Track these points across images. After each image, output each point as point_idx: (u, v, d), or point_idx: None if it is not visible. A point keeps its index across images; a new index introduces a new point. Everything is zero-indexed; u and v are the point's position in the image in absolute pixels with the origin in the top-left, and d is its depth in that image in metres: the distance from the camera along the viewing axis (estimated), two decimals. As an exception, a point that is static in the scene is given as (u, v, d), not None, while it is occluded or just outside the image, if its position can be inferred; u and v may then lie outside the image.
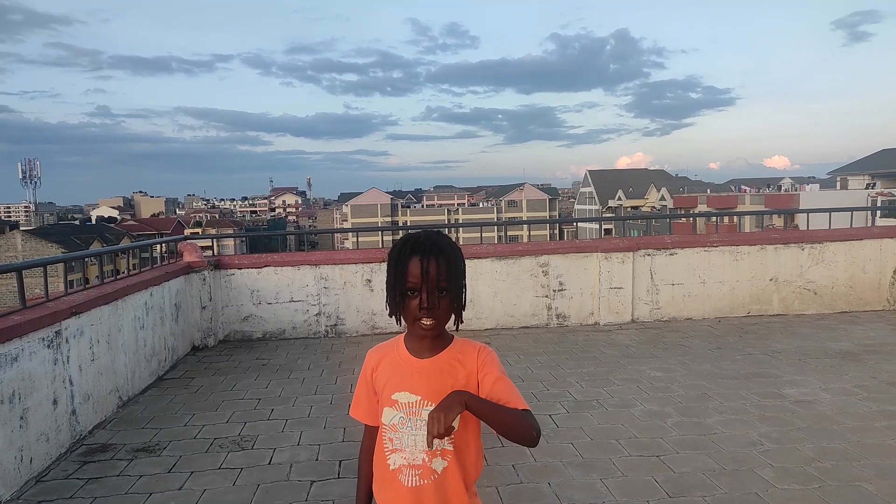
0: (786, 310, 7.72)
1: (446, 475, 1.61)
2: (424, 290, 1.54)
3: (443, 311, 1.58)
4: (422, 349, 1.65)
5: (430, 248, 1.56)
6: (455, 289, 1.58)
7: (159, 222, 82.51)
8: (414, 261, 1.55)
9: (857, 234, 7.87)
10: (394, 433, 1.63)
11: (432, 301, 1.55)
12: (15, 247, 49.33)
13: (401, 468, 1.62)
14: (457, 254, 1.60)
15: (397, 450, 1.63)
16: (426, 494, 1.61)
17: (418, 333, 1.61)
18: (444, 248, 1.57)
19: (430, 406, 1.59)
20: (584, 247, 7.61)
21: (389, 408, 1.64)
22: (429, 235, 1.60)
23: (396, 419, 1.62)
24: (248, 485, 3.64)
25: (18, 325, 3.76)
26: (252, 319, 7.26)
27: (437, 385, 1.59)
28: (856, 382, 5.06)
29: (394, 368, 1.66)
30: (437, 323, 1.58)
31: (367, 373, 1.72)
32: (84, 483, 3.72)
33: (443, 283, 1.55)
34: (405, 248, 1.58)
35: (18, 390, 3.71)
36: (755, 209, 41.76)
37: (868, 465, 3.61)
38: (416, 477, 1.61)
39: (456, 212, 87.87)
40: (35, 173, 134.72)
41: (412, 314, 1.57)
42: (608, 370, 5.63)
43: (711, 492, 3.37)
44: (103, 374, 4.78)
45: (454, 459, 1.62)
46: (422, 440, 1.59)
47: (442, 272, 1.55)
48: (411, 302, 1.56)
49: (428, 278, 1.53)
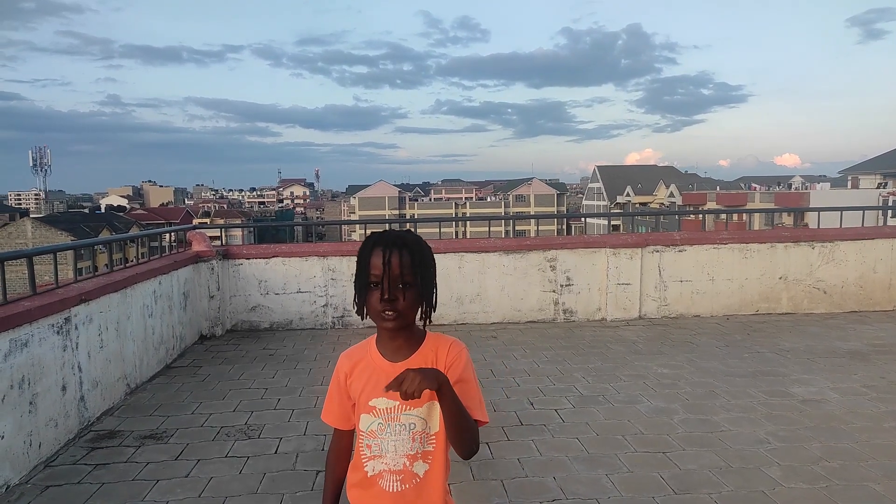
0: (795, 308, 7.67)
1: (428, 478, 1.60)
2: (386, 282, 1.51)
3: (406, 305, 1.53)
4: (394, 351, 1.61)
5: (392, 241, 1.54)
6: (421, 284, 1.55)
7: (168, 212, 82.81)
8: (376, 253, 1.53)
9: (869, 233, 7.81)
10: (372, 440, 1.61)
11: (394, 293, 1.51)
12: (25, 234, 49.64)
13: (381, 473, 1.60)
14: (423, 249, 1.57)
15: (376, 456, 1.61)
16: (408, 499, 1.59)
17: (383, 327, 1.58)
18: (409, 243, 1.56)
19: (409, 410, 1.58)
20: (593, 242, 7.58)
21: (367, 414, 1.61)
22: (394, 231, 1.59)
23: (374, 425, 1.60)
24: (255, 473, 3.65)
25: (28, 311, 3.78)
26: (259, 310, 7.28)
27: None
28: (864, 382, 5.03)
29: (369, 374, 1.62)
30: (399, 316, 1.53)
31: (340, 378, 1.67)
32: (92, 469, 3.75)
33: (407, 277, 1.52)
34: (369, 242, 1.57)
35: (28, 376, 3.74)
36: (765, 207, 41.51)
37: (876, 465, 3.59)
38: (398, 482, 1.59)
39: (463, 206, 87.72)
40: (45, 161, 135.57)
41: (374, 307, 1.54)
42: (615, 366, 5.62)
43: (718, 489, 3.35)
44: (112, 362, 4.81)
45: (435, 461, 1.60)
46: (402, 444, 1.58)
47: (405, 265, 1.52)
48: (373, 294, 1.53)
49: (390, 269, 1.51)
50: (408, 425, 1.58)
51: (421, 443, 1.59)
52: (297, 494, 3.40)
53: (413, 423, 1.58)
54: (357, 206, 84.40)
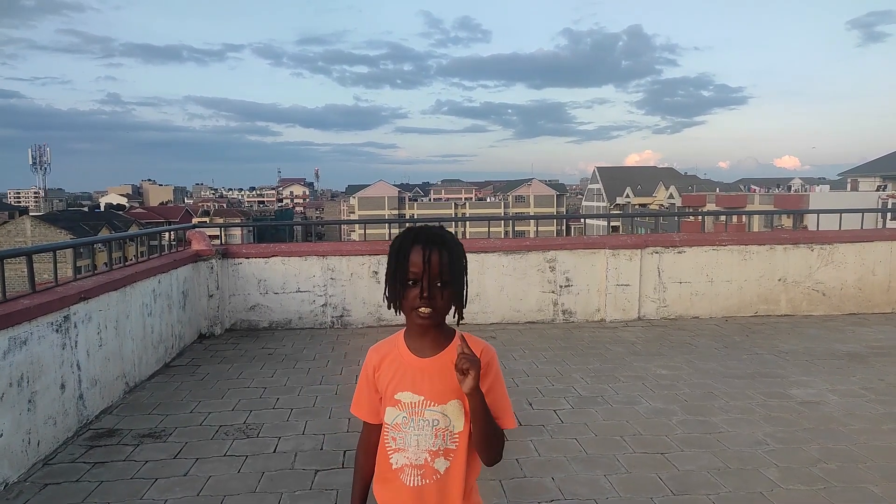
0: (794, 310, 7.68)
1: (449, 475, 1.60)
2: (425, 280, 1.52)
3: (443, 303, 1.56)
4: (423, 347, 1.63)
5: (433, 240, 1.55)
6: (456, 283, 1.57)
7: (167, 210, 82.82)
8: (416, 251, 1.54)
9: (868, 235, 7.82)
10: (396, 433, 1.63)
11: (433, 291, 1.53)
12: (24, 232, 49.62)
13: (403, 468, 1.62)
14: (459, 249, 1.59)
15: (400, 449, 1.62)
16: (428, 494, 1.60)
17: (416, 323, 1.59)
18: (448, 242, 1.57)
19: (433, 406, 1.59)
20: (592, 243, 7.58)
21: (392, 407, 1.63)
22: (433, 228, 1.60)
23: (399, 419, 1.62)
24: (253, 472, 3.65)
25: (27, 308, 3.78)
26: (259, 309, 7.29)
27: (440, 385, 1.59)
28: (863, 384, 5.03)
29: (396, 368, 1.64)
30: (435, 313, 1.56)
31: (369, 372, 1.70)
32: (90, 467, 3.75)
33: (445, 276, 1.54)
34: (407, 239, 1.57)
35: (27, 374, 3.74)
36: (765, 209, 41.52)
37: (874, 467, 3.60)
38: (419, 477, 1.60)
39: (463, 206, 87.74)
40: (45, 159, 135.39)
41: (411, 304, 1.55)
42: (614, 367, 5.62)
43: (716, 490, 3.36)
44: (111, 360, 4.81)
45: (457, 459, 1.61)
46: (424, 440, 1.59)
47: (444, 264, 1.54)
48: (411, 291, 1.55)
49: (430, 268, 1.52)
50: (431, 421, 1.59)
51: (443, 440, 1.60)
52: (296, 493, 3.40)
53: (436, 419, 1.59)
54: (356, 206, 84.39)
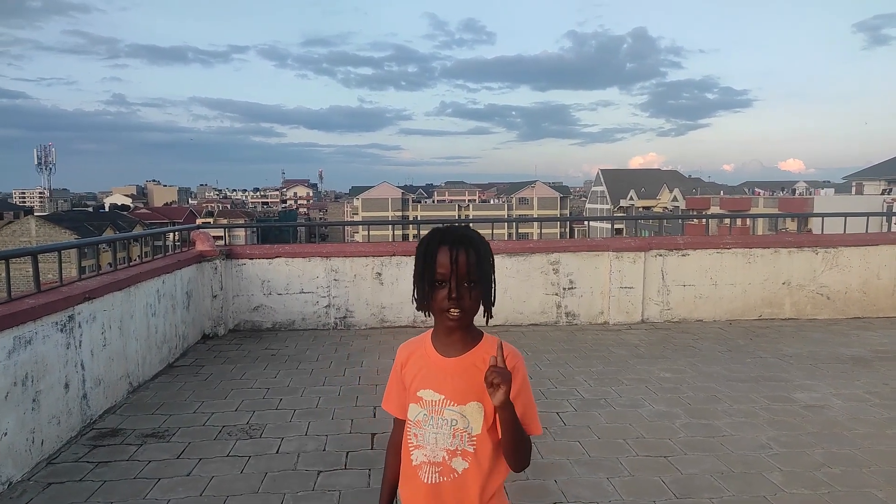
0: (798, 314, 7.65)
1: (466, 476, 1.60)
2: (453, 280, 1.53)
3: (471, 304, 1.56)
4: (449, 347, 1.64)
5: (460, 240, 1.55)
6: (484, 282, 1.58)
7: (171, 211, 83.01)
8: (443, 251, 1.54)
9: (873, 239, 7.79)
10: (417, 429, 1.64)
11: (461, 291, 1.54)
12: (29, 232, 49.79)
13: (421, 465, 1.62)
14: (486, 248, 1.59)
15: (420, 446, 1.63)
16: (444, 492, 1.60)
17: (446, 325, 1.60)
18: (475, 241, 1.57)
19: (452, 406, 1.60)
20: (596, 245, 7.58)
21: (414, 404, 1.64)
22: (459, 228, 1.61)
23: (420, 416, 1.63)
24: (256, 473, 3.66)
25: (32, 308, 3.80)
26: (262, 310, 7.29)
27: (461, 385, 1.60)
28: (867, 389, 5.02)
29: (421, 365, 1.66)
30: (465, 314, 1.56)
31: (397, 368, 1.72)
32: (94, 466, 3.76)
33: (473, 276, 1.55)
34: (434, 239, 1.58)
35: (31, 373, 3.75)
36: (769, 212, 41.43)
37: (878, 471, 3.58)
38: (436, 474, 1.61)
39: (467, 208, 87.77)
40: (50, 160, 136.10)
41: (440, 305, 1.56)
42: (617, 370, 5.61)
43: (719, 494, 3.35)
44: (114, 360, 4.82)
45: (475, 462, 1.60)
46: (443, 438, 1.60)
47: (472, 264, 1.54)
48: (439, 292, 1.55)
49: (457, 268, 1.53)
50: (449, 420, 1.60)
51: (461, 440, 1.60)
52: (299, 494, 3.40)
53: (455, 419, 1.60)
54: (360, 208, 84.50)
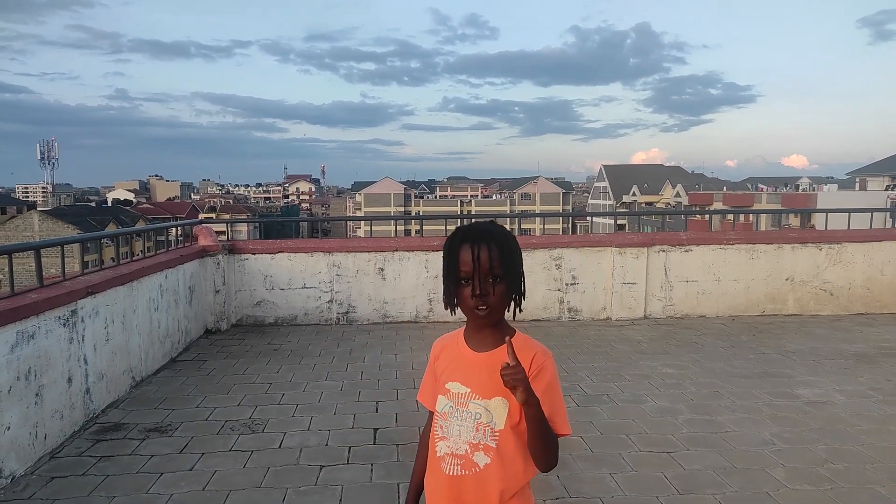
0: (801, 310, 7.64)
1: (488, 472, 1.60)
2: (476, 277, 1.53)
3: (497, 299, 1.55)
4: (480, 342, 1.64)
5: (480, 236, 1.55)
6: (511, 276, 1.57)
7: (174, 206, 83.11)
8: (465, 248, 1.54)
9: (876, 235, 7.77)
10: (443, 421, 1.65)
11: (485, 287, 1.53)
12: (32, 227, 49.92)
13: (444, 456, 1.63)
14: (511, 241, 1.58)
15: (444, 438, 1.64)
16: (465, 485, 1.61)
17: (476, 322, 1.61)
18: (497, 235, 1.57)
19: (477, 399, 1.60)
20: (598, 241, 7.56)
21: (442, 396, 1.66)
22: (480, 224, 1.61)
23: (447, 408, 1.64)
24: (259, 467, 3.66)
25: (35, 303, 3.80)
26: (265, 305, 7.30)
27: (488, 380, 1.59)
28: (871, 385, 5.00)
29: (452, 358, 1.68)
30: (492, 310, 1.56)
31: (432, 361, 1.76)
32: (97, 461, 3.77)
33: (497, 271, 1.54)
34: (456, 238, 1.58)
35: (34, 367, 3.75)
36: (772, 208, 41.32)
37: (882, 467, 3.57)
38: (458, 467, 1.61)
39: (469, 203, 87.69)
40: (53, 154, 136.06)
41: (467, 303, 1.56)
42: (619, 365, 5.61)
43: (721, 490, 3.35)
44: (117, 354, 4.83)
45: (497, 458, 1.60)
46: (466, 431, 1.61)
47: (495, 258, 1.53)
48: (465, 290, 1.56)
49: (479, 265, 1.52)
50: (474, 414, 1.61)
51: (484, 434, 1.60)
52: (301, 489, 3.41)
53: (479, 413, 1.60)
54: (362, 203, 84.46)
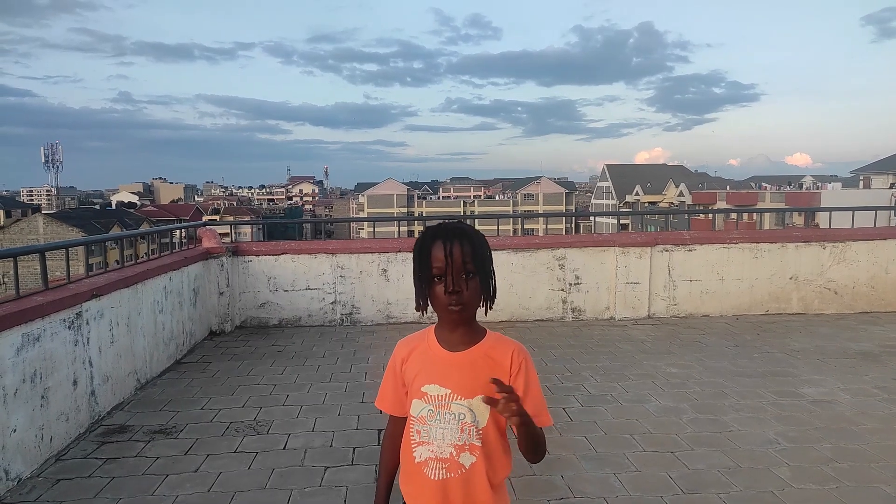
0: (805, 309, 7.62)
1: (473, 471, 1.59)
2: (450, 274, 1.52)
3: (471, 295, 1.56)
4: (453, 341, 1.63)
5: (452, 233, 1.56)
6: (483, 273, 1.58)
7: (178, 208, 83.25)
8: (437, 245, 1.54)
9: (881, 233, 7.74)
10: (422, 426, 1.62)
11: (458, 283, 1.53)
12: (37, 230, 50.05)
13: (427, 461, 1.61)
14: (481, 239, 1.60)
15: (424, 442, 1.61)
16: (452, 488, 1.59)
17: (449, 320, 1.60)
18: (468, 233, 1.58)
19: (460, 400, 1.58)
20: (602, 241, 7.56)
21: (418, 400, 1.62)
22: (451, 223, 1.61)
23: (425, 412, 1.61)
24: (263, 469, 3.67)
25: (40, 305, 3.81)
26: (268, 306, 7.31)
27: (469, 379, 1.58)
28: (876, 383, 4.99)
29: (424, 361, 1.64)
30: (466, 307, 1.56)
31: (397, 364, 1.70)
32: (102, 463, 3.78)
33: (469, 267, 1.54)
34: (427, 236, 1.58)
35: (40, 370, 3.77)
36: (776, 206, 41.21)
37: (887, 466, 3.56)
38: (443, 470, 1.59)
39: (472, 204, 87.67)
40: (57, 157, 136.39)
41: (440, 300, 1.56)
42: (623, 365, 5.60)
43: (726, 489, 3.34)
44: (122, 357, 4.85)
45: (482, 455, 1.60)
46: (450, 434, 1.58)
47: (467, 255, 1.54)
48: (437, 288, 1.55)
49: (453, 261, 1.52)
50: (457, 415, 1.59)
51: (469, 434, 1.59)
52: (306, 490, 3.41)
53: (463, 413, 1.59)
54: (366, 204, 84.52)
